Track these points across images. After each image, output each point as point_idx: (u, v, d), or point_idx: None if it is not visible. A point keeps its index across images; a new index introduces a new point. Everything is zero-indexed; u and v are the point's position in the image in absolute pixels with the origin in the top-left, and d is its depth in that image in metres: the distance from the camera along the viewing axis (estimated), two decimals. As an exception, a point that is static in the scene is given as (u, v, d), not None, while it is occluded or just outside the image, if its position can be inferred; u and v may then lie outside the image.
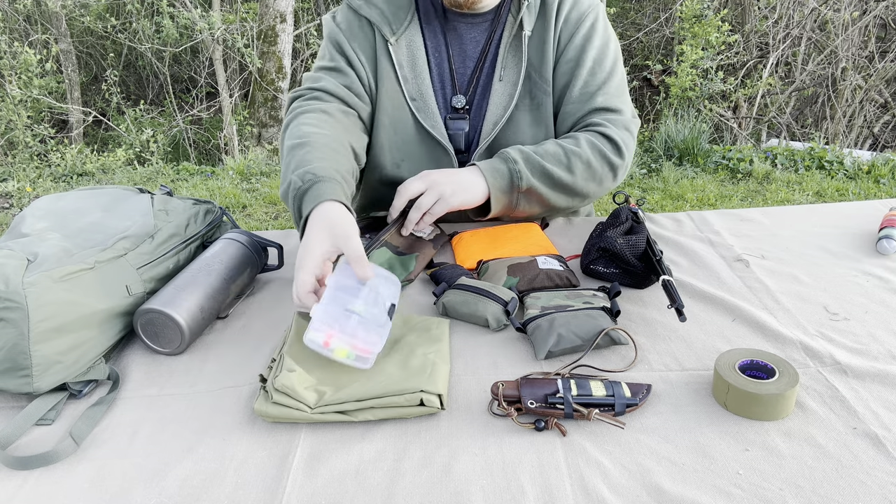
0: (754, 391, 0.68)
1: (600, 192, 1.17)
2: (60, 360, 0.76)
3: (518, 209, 1.13)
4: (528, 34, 1.17)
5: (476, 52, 1.21)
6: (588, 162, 1.12)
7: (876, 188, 3.94)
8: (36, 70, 5.48)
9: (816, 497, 0.60)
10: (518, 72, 1.18)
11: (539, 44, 1.17)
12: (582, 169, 1.12)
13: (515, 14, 1.18)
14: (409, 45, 1.19)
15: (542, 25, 1.18)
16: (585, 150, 1.12)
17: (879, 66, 5.27)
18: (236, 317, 0.95)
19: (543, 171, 1.10)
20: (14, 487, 0.65)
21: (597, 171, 1.14)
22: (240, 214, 3.98)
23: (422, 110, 1.19)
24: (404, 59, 1.19)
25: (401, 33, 1.19)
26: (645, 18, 6.65)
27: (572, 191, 1.14)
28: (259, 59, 5.67)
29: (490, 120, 1.19)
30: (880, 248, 1.05)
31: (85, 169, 4.97)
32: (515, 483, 0.62)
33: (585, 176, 1.13)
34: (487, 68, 1.20)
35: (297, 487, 0.63)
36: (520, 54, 1.17)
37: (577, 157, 1.12)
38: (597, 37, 1.18)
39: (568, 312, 0.85)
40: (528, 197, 1.11)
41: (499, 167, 1.09)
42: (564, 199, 1.15)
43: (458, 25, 1.20)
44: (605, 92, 1.18)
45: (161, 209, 1.00)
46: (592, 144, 1.13)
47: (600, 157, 1.13)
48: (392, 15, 1.19)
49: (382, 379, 0.73)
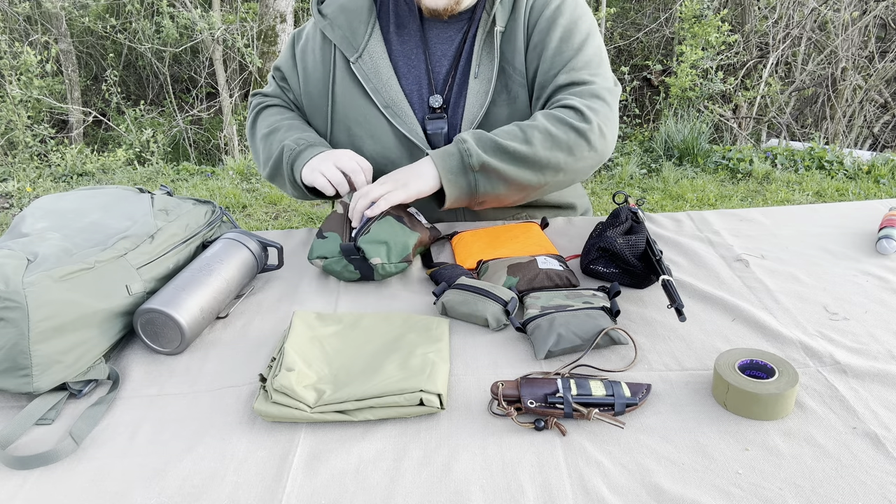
0: (754, 391, 0.68)
1: (577, 162, 1.12)
2: (60, 360, 0.76)
3: (480, 192, 1.09)
4: (500, 30, 1.17)
5: (451, 51, 1.21)
6: (546, 130, 1.09)
7: (876, 188, 3.94)
8: (36, 70, 5.48)
9: (816, 497, 0.60)
10: (492, 68, 1.18)
11: (510, 37, 1.18)
12: (540, 138, 1.08)
13: (489, 11, 1.18)
14: (371, 56, 1.21)
15: (513, 19, 1.18)
16: (541, 120, 1.10)
17: (879, 66, 5.27)
18: (236, 317, 0.95)
19: (497, 146, 1.07)
20: (14, 487, 0.65)
21: (560, 138, 1.09)
22: (240, 214, 3.98)
23: (397, 116, 1.20)
24: (370, 72, 1.20)
25: (362, 49, 1.20)
26: (645, 18, 6.65)
27: (536, 162, 1.08)
28: (259, 59, 5.67)
29: (467, 118, 1.19)
30: (880, 248, 1.05)
31: (85, 169, 4.97)
32: (515, 483, 0.62)
33: (547, 145, 1.08)
34: (463, 66, 1.21)
35: (297, 487, 0.63)
36: (493, 50, 1.18)
37: (534, 129, 1.09)
38: (562, 17, 1.18)
39: (568, 312, 0.85)
40: (486, 175, 1.07)
41: (448, 150, 1.08)
42: (531, 173, 1.09)
43: (434, 25, 1.21)
44: (570, 69, 1.16)
45: (161, 209, 1.00)
46: (548, 115, 1.11)
47: (559, 123, 1.10)
48: (352, 33, 1.21)
49: (382, 378, 0.73)
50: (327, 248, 1.03)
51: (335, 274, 1.03)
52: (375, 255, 1.00)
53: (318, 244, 1.04)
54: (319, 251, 1.03)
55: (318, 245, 1.04)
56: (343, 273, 1.02)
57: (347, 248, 1.01)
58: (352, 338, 0.84)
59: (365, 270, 1.01)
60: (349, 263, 1.01)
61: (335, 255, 1.02)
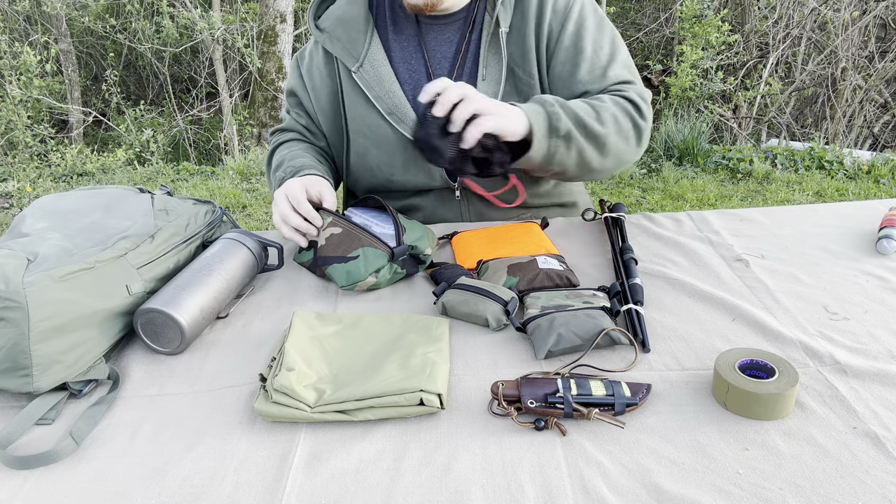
0: (754, 391, 0.68)
1: (628, 154, 1.12)
2: (60, 360, 0.76)
3: (555, 160, 1.04)
4: (504, 31, 1.16)
5: (451, 53, 1.21)
6: (615, 116, 1.08)
7: (876, 188, 3.94)
8: (36, 70, 5.48)
9: (816, 497, 0.60)
10: (500, 69, 1.17)
11: (518, 38, 1.17)
12: (611, 122, 1.07)
13: (492, 12, 1.18)
14: (372, 64, 1.20)
15: (520, 20, 1.17)
16: (610, 105, 1.09)
17: (879, 66, 5.27)
18: (236, 317, 0.95)
19: (577, 119, 1.03)
20: (14, 487, 0.65)
21: (623, 126, 1.09)
22: (240, 214, 3.98)
23: (401, 122, 1.20)
24: (372, 80, 1.20)
25: (363, 58, 1.20)
26: (645, 18, 6.65)
27: (604, 145, 1.07)
28: (259, 59, 5.67)
29: None
30: (880, 248, 1.05)
31: (85, 169, 4.97)
32: (515, 482, 0.62)
33: (615, 129, 1.07)
34: (469, 68, 1.20)
35: (297, 487, 0.63)
36: (500, 52, 1.17)
37: (606, 111, 1.07)
38: (589, 21, 1.18)
39: (568, 312, 0.85)
40: (567, 143, 1.03)
41: (536, 108, 1.01)
42: (597, 155, 1.08)
43: (431, 28, 1.21)
44: (614, 67, 1.16)
45: (161, 209, 1.00)
46: (616, 101, 1.10)
47: (624, 112, 1.09)
48: (351, 44, 1.20)
49: (382, 378, 0.73)
50: (371, 264, 0.99)
51: (385, 284, 1.00)
52: (426, 246, 1.03)
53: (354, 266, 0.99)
54: (368, 270, 0.98)
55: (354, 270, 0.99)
56: (392, 279, 1.00)
57: (402, 249, 1.00)
58: (352, 337, 0.84)
59: (410, 267, 1.02)
60: (398, 267, 1.00)
61: (382, 265, 0.98)
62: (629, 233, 1.16)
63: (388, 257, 0.99)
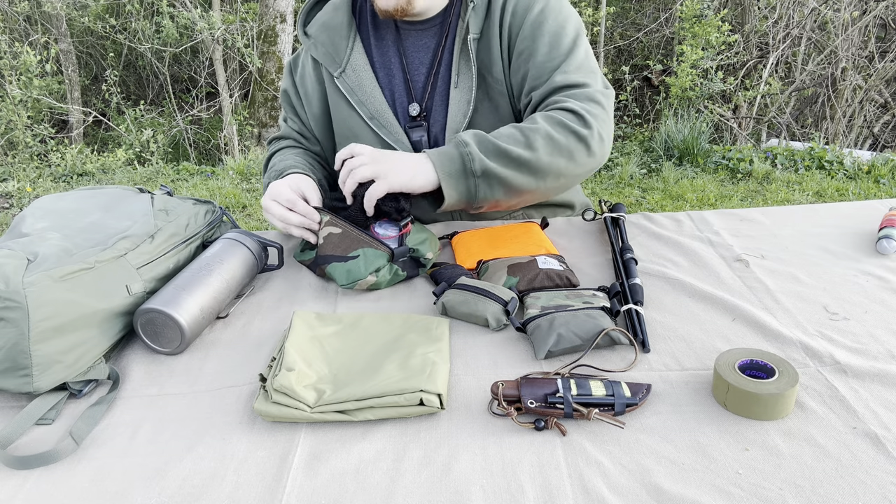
0: (754, 391, 0.68)
1: (577, 168, 1.09)
2: (60, 360, 0.76)
3: (480, 197, 1.06)
4: (473, 37, 1.16)
5: (428, 59, 1.21)
6: (548, 135, 1.05)
7: (876, 188, 3.94)
8: (36, 70, 5.48)
9: (816, 497, 0.60)
10: (471, 77, 1.17)
11: (486, 44, 1.17)
12: (543, 143, 1.05)
13: (463, 18, 1.17)
14: (354, 69, 1.21)
15: (488, 26, 1.17)
16: (542, 124, 1.06)
17: (879, 66, 5.26)
18: (236, 317, 0.95)
19: (499, 151, 1.03)
20: (14, 487, 0.65)
21: (561, 143, 1.06)
22: (240, 214, 3.98)
23: (383, 127, 1.20)
24: (354, 85, 1.21)
25: (345, 63, 1.21)
26: (645, 18, 6.65)
27: (537, 169, 1.06)
28: (259, 59, 5.67)
29: (451, 128, 1.18)
30: (880, 248, 1.05)
31: (85, 169, 4.97)
32: (515, 483, 0.62)
33: (549, 150, 1.05)
34: (443, 75, 1.20)
35: (297, 487, 0.63)
36: (470, 59, 1.17)
37: (535, 133, 1.05)
38: (548, 21, 1.16)
39: (568, 312, 0.85)
40: (487, 181, 1.04)
41: (448, 151, 1.04)
42: (531, 180, 1.06)
43: (409, 34, 1.21)
44: (563, 70, 1.14)
45: (161, 209, 1.00)
46: (549, 118, 1.07)
47: (561, 127, 1.06)
48: (334, 49, 1.21)
49: (382, 378, 0.73)
50: (371, 263, 0.99)
51: (385, 284, 1.00)
52: (427, 250, 1.03)
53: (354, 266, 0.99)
54: (364, 271, 0.99)
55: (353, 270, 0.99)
56: (392, 280, 1.01)
57: (402, 251, 1.01)
58: (352, 338, 0.84)
59: (410, 270, 1.03)
60: (399, 268, 1.01)
61: (382, 265, 0.99)
62: (629, 233, 1.16)
63: (387, 257, 1.00)
